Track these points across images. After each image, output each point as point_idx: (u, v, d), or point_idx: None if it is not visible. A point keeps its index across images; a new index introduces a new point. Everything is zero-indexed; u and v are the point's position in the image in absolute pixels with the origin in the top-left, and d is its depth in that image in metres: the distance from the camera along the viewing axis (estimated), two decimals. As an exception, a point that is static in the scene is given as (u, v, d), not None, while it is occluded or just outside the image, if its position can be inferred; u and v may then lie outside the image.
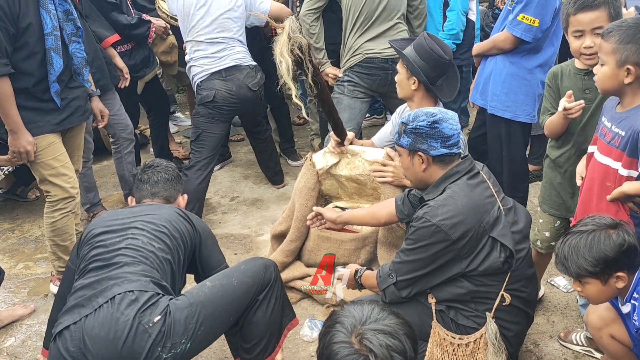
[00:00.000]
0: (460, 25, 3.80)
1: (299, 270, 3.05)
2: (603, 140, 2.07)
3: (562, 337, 2.59)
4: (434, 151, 2.06)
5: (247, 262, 2.25)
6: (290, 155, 4.66)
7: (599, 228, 1.84)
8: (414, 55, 2.64)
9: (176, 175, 2.47)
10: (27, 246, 3.69)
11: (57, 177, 2.90)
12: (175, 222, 2.19)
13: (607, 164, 2.05)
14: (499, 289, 2.06)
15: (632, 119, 1.95)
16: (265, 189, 4.28)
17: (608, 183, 2.06)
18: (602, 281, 1.84)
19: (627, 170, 1.98)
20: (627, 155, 1.96)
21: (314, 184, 3.02)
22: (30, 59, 2.67)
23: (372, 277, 2.27)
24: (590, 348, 2.50)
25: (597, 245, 1.81)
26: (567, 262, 1.87)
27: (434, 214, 1.98)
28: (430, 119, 2.05)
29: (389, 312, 1.39)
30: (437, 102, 2.71)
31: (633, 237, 1.83)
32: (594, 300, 1.93)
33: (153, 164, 2.47)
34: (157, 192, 2.39)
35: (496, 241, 2.00)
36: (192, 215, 2.32)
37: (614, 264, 1.81)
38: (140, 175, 2.43)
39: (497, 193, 2.11)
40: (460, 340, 2.10)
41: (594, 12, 2.20)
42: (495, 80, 3.06)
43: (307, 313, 2.87)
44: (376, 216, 2.60)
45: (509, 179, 3.18)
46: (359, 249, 2.98)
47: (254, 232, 3.67)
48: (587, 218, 1.92)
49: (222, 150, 4.42)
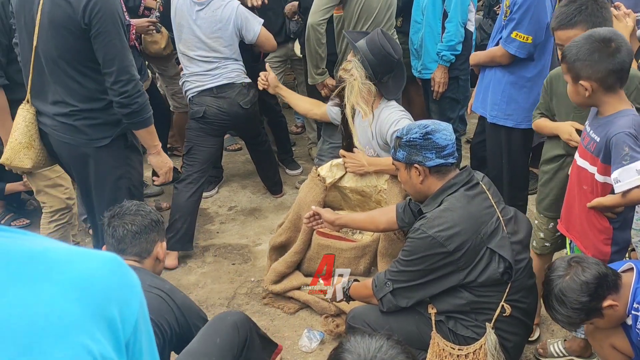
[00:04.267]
0: (459, 37, 3.80)
1: (297, 280, 3.03)
2: (582, 143, 2.12)
3: (541, 353, 2.56)
4: (430, 162, 2.07)
5: (218, 331, 1.98)
6: (288, 164, 4.66)
7: (558, 277, 1.88)
8: (365, 48, 2.74)
9: (148, 224, 2.05)
10: (25, 258, 3.67)
11: (54, 188, 2.90)
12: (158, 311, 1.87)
13: (584, 167, 2.09)
14: (500, 299, 2.06)
15: (606, 126, 1.99)
16: (263, 198, 4.27)
17: (585, 186, 2.11)
18: (598, 316, 1.87)
19: (602, 177, 2.01)
20: (601, 162, 2.00)
21: (322, 198, 3.03)
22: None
23: (363, 288, 2.26)
24: (572, 356, 2.51)
25: (568, 297, 1.84)
26: (561, 323, 1.96)
27: (430, 225, 1.99)
28: (423, 130, 2.07)
29: (398, 351, 1.22)
30: (380, 99, 2.82)
31: (594, 267, 1.85)
32: (608, 328, 1.95)
33: (120, 211, 2.07)
34: (124, 249, 2.01)
35: (494, 252, 1.99)
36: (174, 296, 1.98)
37: (595, 301, 1.83)
38: (107, 227, 2.06)
39: (497, 203, 2.11)
40: (459, 351, 2.09)
41: (571, 30, 2.26)
42: (495, 90, 3.06)
43: (305, 323, 2.85)
44: (375, 222, 2.59)
45: (509, 187, 3.18)
46: (358, 257, 2.97)
47: (252, 242, 3.65)
48: (546, 271, 1.97)
49: (216, 172, 4.33)
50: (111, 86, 2.35)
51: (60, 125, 2.45)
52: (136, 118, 2.44)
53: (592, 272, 1.84)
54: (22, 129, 2.49)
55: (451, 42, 3.77)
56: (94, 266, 0.74)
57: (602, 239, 2.11)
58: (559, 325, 2.02)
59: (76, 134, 2.46)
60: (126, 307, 0.74)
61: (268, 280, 3.05)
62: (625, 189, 1.89)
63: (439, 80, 3.84)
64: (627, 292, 1.86)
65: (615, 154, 1.92)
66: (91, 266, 0.74)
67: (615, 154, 1.91)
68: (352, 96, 2.77)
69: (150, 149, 2.63)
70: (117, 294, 0.74)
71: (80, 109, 2.43)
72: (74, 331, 0.68)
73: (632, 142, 1.89)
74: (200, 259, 3.51)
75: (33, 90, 2.48)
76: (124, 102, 2.37)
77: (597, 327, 1.94)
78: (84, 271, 0.73)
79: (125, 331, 0.74)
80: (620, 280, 1.89)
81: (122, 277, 0.76)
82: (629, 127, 1.92)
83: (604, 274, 1.84)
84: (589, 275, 1.83)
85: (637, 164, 1.86)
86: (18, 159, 2.52)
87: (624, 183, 1.88)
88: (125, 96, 2.36)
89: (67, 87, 2.40)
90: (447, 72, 3.83)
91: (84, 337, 0.69)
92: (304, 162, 4.79)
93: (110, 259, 0.76)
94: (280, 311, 2.97)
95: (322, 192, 3.03)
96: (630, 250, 3.06)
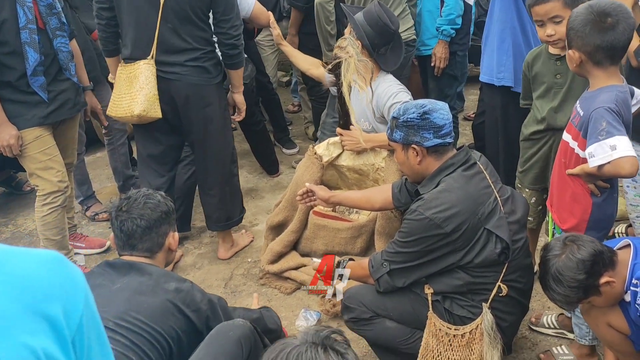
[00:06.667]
0: (459, 10, 3.75)
1: (294, 260, 3.04)
2: (570, 117, 2.13)
3: (534, 322, 2.59)
4: (427, 142, 2.04)
5: (221, 349, 1.81)
6: (285, 143, 4.63)
7: (554, 257, 1.88)
8: (362, 20, 2.77)
9: (158, 217, 1.96)
10: (22, 240, 3.67)
11: (45, 170, 2.88)
12: (163, 321, 1.77)
13: (567, 140, 2.10)
14: (496, 279, 2.05)
15: (590, 100, 1.97)
16: (259, 178, 4.25)
17: (563, 159, 2.12)
18: (596, 294, 1.86)
19: (583, 152, 2.00)
20: (582, 137, 1.99)
21: (319, 177, 3.00)
22: (12, 54, 2.67)
23: (359, 268, 2.25)
24: (563, 330, 2.52)
25: (564, 275, 1.84)
26: (559, 303, 1.95)
27: (428, 207, 1.97)
28: (420, 110, 2.04)
29: None
30: (378, 72, 2.82)
31: (589, 245, 1.85)
32: (606, 306, 1.95)
33: (128, 202, 1.96)
34: (134, 245, 1.93)
35: (491, 233, 1.98)
36: (191, 299, 1.86)
37: (591, 278, 1.83)
38: (114, 220, 1.96)
39: (494, 183, 2.09)
40: (456, 331, 2.10)
41: (547, 4, 2.27)
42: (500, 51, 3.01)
43: (302, 303, 2.86)
44: (371, 200, 2.56)
45: (504, 162, 3.16)
46: (355, 237, 2.97)
47: (248, 222, 3.64)
48: (542, 251, 1.97)
49: None
50: (227, 30, 2.82)
51: (191, 69, 2.83)
52: (239, 58, 2.96)
53: (588, 250, 1.83)
54: (152, 82, 2.79)
55: (451, 15, 3.72)
56: (32, 266, 0.75)
57: (579, 212, 2.12)
58: (557, 305, 2.02)
59: (204, 74, 2.88)
60: (69, 305, 0.76)
61: (265, 260, 3.05)
62: (598, 164, 1.88)
63: (440, 55, 3.80)
64: (624, 269, 1.86)
65: (592, 129, 1.90)
66: (29, 266, 0.75)
67: (593, 128, 1.90)
68: (349, 74, 2.74)
69: (239, 88, 3.11)
70: (59, 291, 0.75)
71: (207, 51, 2.86)
72: (14, 330, 0.69)
73: (610, 118, 1.87)
74: (197, 240, 3.51)
75: (160, 46, 2.77)
76: (236, 44, 2.87)
77: (594, 306, 1.93)
78: (22, 270, 0.74)
79: (70, 328, 0.75)
80: (616, 257, 1.88)
81: (63, 275, 0.77)
82: (610, 102, 1.90)
83: (599, 251, 1.84)
84: (585, 252, 1.83)
85: (612, 140, 1.84)
86: (153, 110, 2.81)
87: (598, 158, 1.87)
88: (237, 38, 2.86)
89: (196, 36, 2.81)
90: (448, 47, 3.79)
91: (25, 335, 0.70)
92: (300, 141, 4.76)
93: (51, 258, 0.77)
94: (277, 291, 2.97)
95: (319, 170, 3.01)
96: (627, 226, 3.07)
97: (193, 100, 2.89)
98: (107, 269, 1.88)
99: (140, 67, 2.78)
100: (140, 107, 2.77)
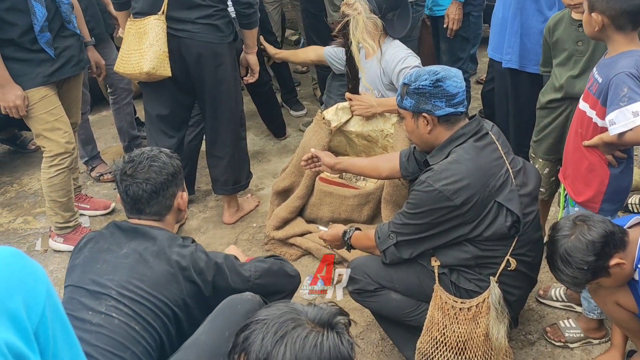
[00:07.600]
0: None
1: (299, 226, 3.01)
2: (587, 85, 2.06)
3: (542, 294, 2.55)
4: (439, 111, 1.96)
5: (228, 322, 1.74)
6: (292, 105, 4.54)
7: (563, 237, 1.81)
8: None
9: (164, 181, 1.86)
10: (27, 200, 3.65)
11: (52, 131, 2.83)
12: (167, 289, 1.74)
13: (584, 109, 2.04)
14: (505, 253, 2.00)
15: (609, 66, 1.91)
16: (266, 140, 4.19)
17: (580, 129, 2.06)
18: (605, 275, 1.80)
19: (602, 121, 1.94)
20: (601, 105, 1.92)
21: (327, 143, 2.94)
22: (12, 10, 2.57)
23: (365, 238, 2.21)
24: (571, 303, 2.48)
25: (573, 257, 1.78)
26: (566, 284, 1.90)
27: (437, 178, 1.90)
28: (434, 77, 1.95)
29: None
30: (386, 37, 2.77)
31: (600, 225, 1.78)
32: (615, 287, 1.90)
33: (132, 165, 1.86)
34: (142, 209, 1.86)
35: (502, 206, 1.92)
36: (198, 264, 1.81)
37: (601, 260, 1.77)
38: (119, 184, 1.87)
39: (506, 154, 2.02)
40: (462, 305, 2.06)
41: None
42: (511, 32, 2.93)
43: (307, 270, 2.84)
44: (378, 168, 2.49)
45: (515, 133, 3.09)
46: (362, 205, 2.92)
47: (254, 186, 3.60)
48: (551, 231, 1.91)
49: None
50: None
51: (203, 27, 2.75)
52: (254, 17, 2.89)
53: (598, 231, 1.77)
54: (163, 39, 2.70)
55: None
56: None
57: (596, 184, 2.06)
58: (564, 285, 1.97)
59: (216, 32, 2.79)
60: (31, 298, 0.78)
61: (270, 226, 3.02)
62: (619, 131, 1.82)
63: (454, 16, 3.67)
64: (634, 248, 1.80)
65: (613, 95, 1.83)
66: None
67: (614, 94, 1.83)
68: (358, 32, 2.64)
69: (253, 48, 3.08)
70: (18, 285, 0.77)
71: (220, 8, 2.79)
72: None
73: (632, 83, 1.81)
74: (202, 204, 3.48)
75: (172, 1, 2.68)
76: (251, 3, 2.82)
77: (602, 286, 1.89)
78: None
79: (32, 321, 0.77)
80: (627, 236, 1.82)
81: (23, 269, 0.80)
82: (631, 68, 1.84)
83: (610, 232, 1.77)
84: (595, 234, 1.76)
85: (634, 106, 1.78)
86: (162, 67, 2.72)
87: (619, 125, 1.81)
88: None
89: None
90: (462, 7, 3.65)
91: None
92: (308, 102, 4.67)
93: (9, 254, 0.80)
94: (282, 258, 2.95)
95: (327, 136, 2.94)
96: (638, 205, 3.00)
97: (205, 60, 2.81)
98: (115, 230, 1.86)
99: (151, 23, 2.69)
100: (150, 64, 2.69)
